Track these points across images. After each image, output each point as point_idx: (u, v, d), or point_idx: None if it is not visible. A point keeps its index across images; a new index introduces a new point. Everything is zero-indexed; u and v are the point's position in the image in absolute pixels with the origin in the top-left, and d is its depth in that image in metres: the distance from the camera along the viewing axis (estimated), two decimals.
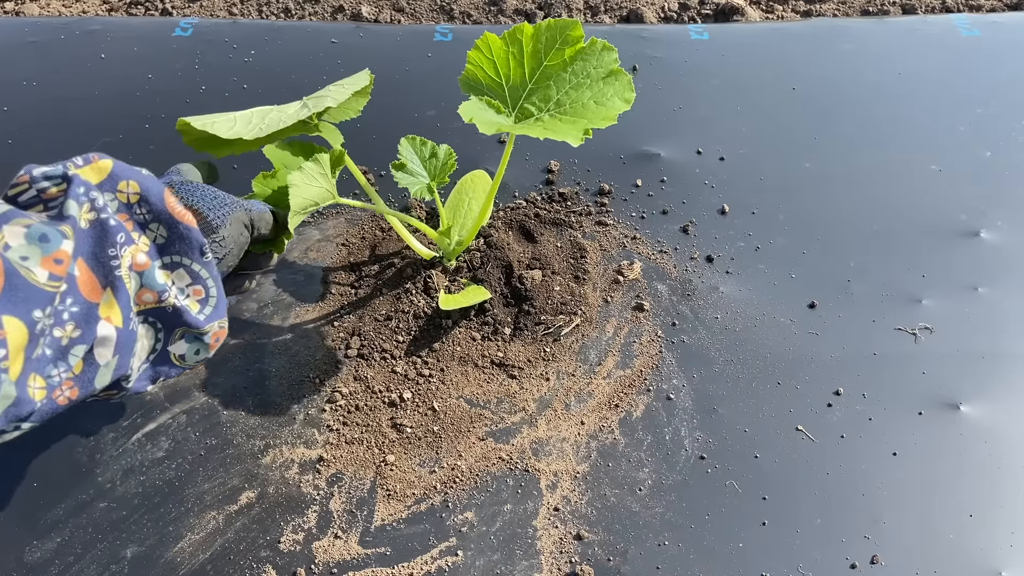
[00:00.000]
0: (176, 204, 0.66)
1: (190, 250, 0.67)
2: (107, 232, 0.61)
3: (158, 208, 0.65)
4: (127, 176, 0.65)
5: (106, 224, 0.61)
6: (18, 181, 0.61)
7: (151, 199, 0.65)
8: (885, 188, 1.04)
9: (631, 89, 0.76)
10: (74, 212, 0.59)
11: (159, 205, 0.65)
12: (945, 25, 1.29)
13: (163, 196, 0.66)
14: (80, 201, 0.60)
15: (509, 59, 0.79)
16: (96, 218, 0.61)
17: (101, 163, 0.64)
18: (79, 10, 1.40)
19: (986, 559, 0.74)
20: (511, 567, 0.73)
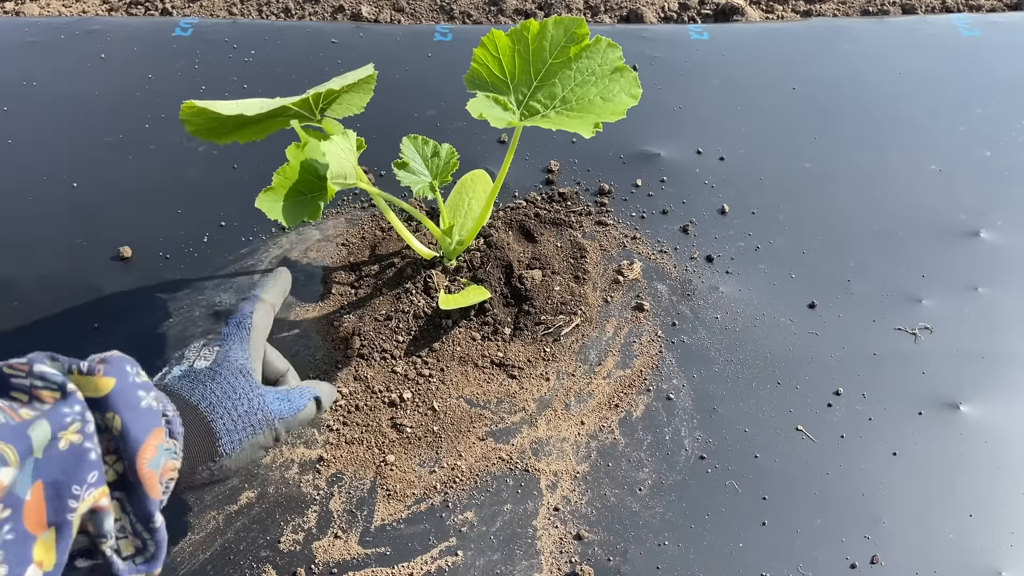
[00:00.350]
0: (146, 465, 0.53)
1: (139, 513, 0.55)
2: (83, 465, 0.50)
3: (129, 457, 0.53)
4: (116, 409, 0.53)
5: (86, 456, 0.50)
6: (17, 366, 0.52)
7: (127, 446, 0.53)
8: (885, 188, 1.04)
9: (637, 85, 0.77)
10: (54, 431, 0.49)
11: (131, 455, 0.53)
12: (945, 25, 1.29)
13: (137, 453, 0.53)
14: (68, 420, 0.50)
15: (515, 56, 0.79)
16: (80, 444, 0.50)
17: (103, 381, 0.53)
18: (79, 10, 1.40)
19: (986, 559, 0.74)
20: (511, 567, 0.73)
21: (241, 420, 0.63)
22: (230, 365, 0.66)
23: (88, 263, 0.95)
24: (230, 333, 0.70)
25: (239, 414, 0.63)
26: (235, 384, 0.65)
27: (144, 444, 0.53)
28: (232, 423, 0.63)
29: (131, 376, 0.55)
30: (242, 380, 0.65)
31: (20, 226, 0.98)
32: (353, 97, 0.80)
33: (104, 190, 1.02)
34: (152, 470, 0.53)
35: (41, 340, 0.87)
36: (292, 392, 0.69)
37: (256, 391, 0.65)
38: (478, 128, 1.09)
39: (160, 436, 0.55)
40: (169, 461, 0.56)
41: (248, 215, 0.99)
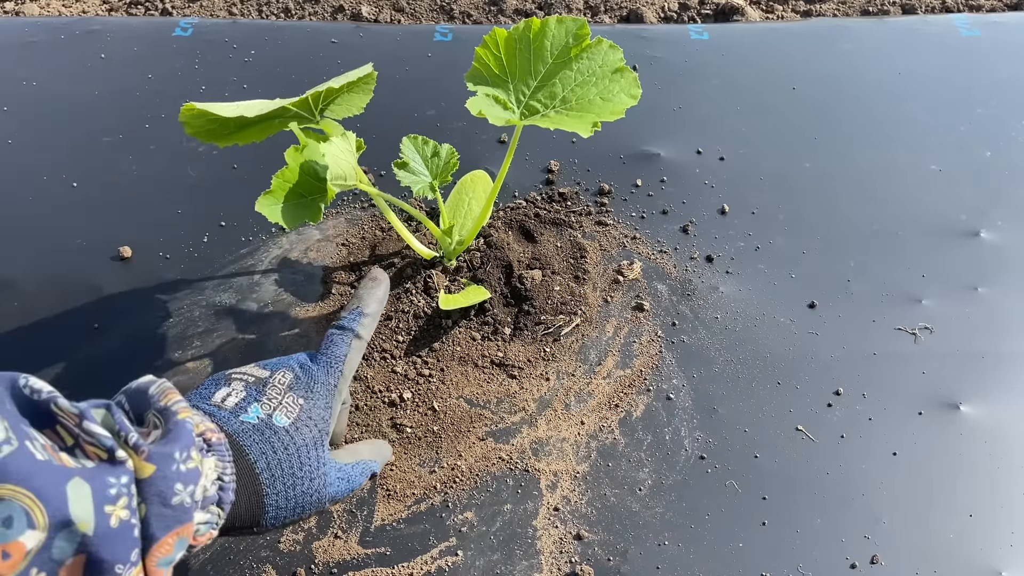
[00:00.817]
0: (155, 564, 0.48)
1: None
2: (128, 544, 0.46)
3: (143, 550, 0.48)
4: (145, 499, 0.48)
5: (131, 532, 0.46)
6: (67, 412, 0.47)
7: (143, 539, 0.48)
8: (885, 188, 1.04)
9: (637, 85, 0.77)
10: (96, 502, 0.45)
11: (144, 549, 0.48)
12: (945, 25, 1.29)
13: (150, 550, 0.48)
14: (114, 493, 0.46)
15: (516, 55, 0.79)
16: (128, 521, 0.46)
17: (143, 466, 0.48)
18: (79, 10, 1.40)
19: (986, 559, 0.74)
20: (511, 567, 0.73)
21: (296, 500, 0.59)
22: (308, 431, 0.60)
23: (88, 263, 0.95)
24: (319, 379, 0.63)
25: (296, 494, 0.59)
26: (305, 458, 0.59)
27: (160, 542, 0.49)
28: (286, 501, 0.58)
29: (175, 464, 0.49)
30: (314, 454, 0.60)
31: (20, 226, 0.99)
32: (353, 98, 0.80)
33: (104, 190, 1.02)
34: (161, 569, 0.49)
35: (41, 340, 0.88)
36: (354, 470, 0.65)
37: (320, 471, 0.60)
38: (478, 128, 1.09)
39: (186, 531, 0.50)
40: (208, 531, 0.52)
41: (248, 215, 0.99)
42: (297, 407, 0.61)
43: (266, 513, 0.57)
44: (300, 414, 0.60)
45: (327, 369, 0.64)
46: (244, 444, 0.56)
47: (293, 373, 0.63)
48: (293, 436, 0.59)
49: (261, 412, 0.59)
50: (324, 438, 0.62)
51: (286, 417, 0.59)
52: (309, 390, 0.62)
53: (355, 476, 0.65)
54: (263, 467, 0.57)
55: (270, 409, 0.59)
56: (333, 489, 0.62)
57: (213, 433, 0.54)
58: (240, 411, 0.58)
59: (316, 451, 0.60)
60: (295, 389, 0.62)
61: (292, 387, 0.62)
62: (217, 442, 0.54)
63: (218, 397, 0.59)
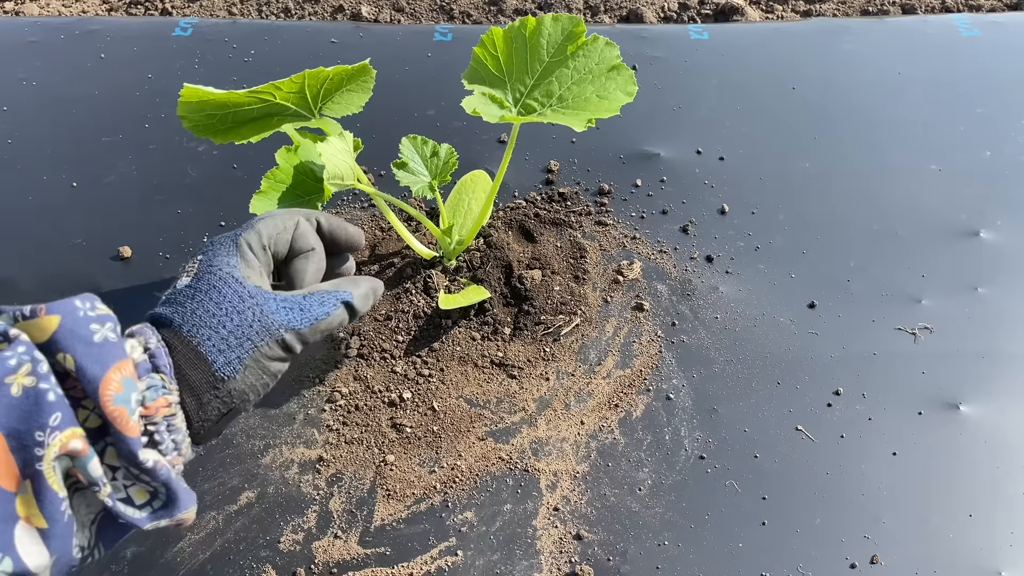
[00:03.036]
0: (110, 403, 0.48)
1: (125, 454, 0.49)
2: (41, 407, 0.45)
3: (91, 396, 0.48)
4: (65, 347, 0.48)
5: (43, 397, 0.45)
6: None
7: (86, 384, 0.48)
8: (885, 188, 1.04)
9: (633, 83, 0.77)
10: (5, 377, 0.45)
11: (93, 394, 0.48)
12: (945, 25, 1.29)
13: (97, 389, 0.48)
14: (13, 363, 0.45)
15: (512, 54, 0.79)
16: (34, 385, 0.45)
17: (46, 320, 0.48)
18: (79, 10, 1.40)
19: (986, 559, 0.74)
20: (511, 567, 0.73)
21: (233, 335, 0.56)
22: (212, 276, 0.58)
23: (88, 263, 0.95)
24: (214, 239, 0.62)
25: (229, 329, 0.56)
26: (220, 297, 0.57)
27: (104, 378, 0.47)
28: (223, 341, 0.55)
29: (81, 310, 0.49)
30: (229, 291, 0.57)
31: (20, 226, 0.98)
32: (351, 96, 0.80)
33: (104, 190, 1.02)
34: (119, 406, 0.48)
35: None
36: (309, 299, 0.61)
37: (249, 299, 0.57)
38: (477, 128, 1.09)
39: (125, 368, 0.49)
40: (160, 397, 0.51)
41: (248, 215, 0.98)
42: (196, 265, 0.59)
43: (212, 362, 0.55)
44: (200, 267, 0.59)
45: (231, 232, 0.63)
46: (157, 316, 0.56)
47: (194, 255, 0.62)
48: (197, 287, 0.57)
49: (168, 292, 0.59)
50: (237, 275, 0.59)
51: (187, 278, 0.59)
52: (207, 248, 0.61)
53: (312, 305, 0.61)
54: (180, 320, 0.55)
55: (172, 287, 0.59)
56: (281, 316, 0.58)
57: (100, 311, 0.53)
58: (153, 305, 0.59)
59: (230, 287, 0.58)
60: (193, 258, 0.61)
61: (191, 259, 0.61)
62: (137, 329, 0.54)
63: None
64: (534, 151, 1.07)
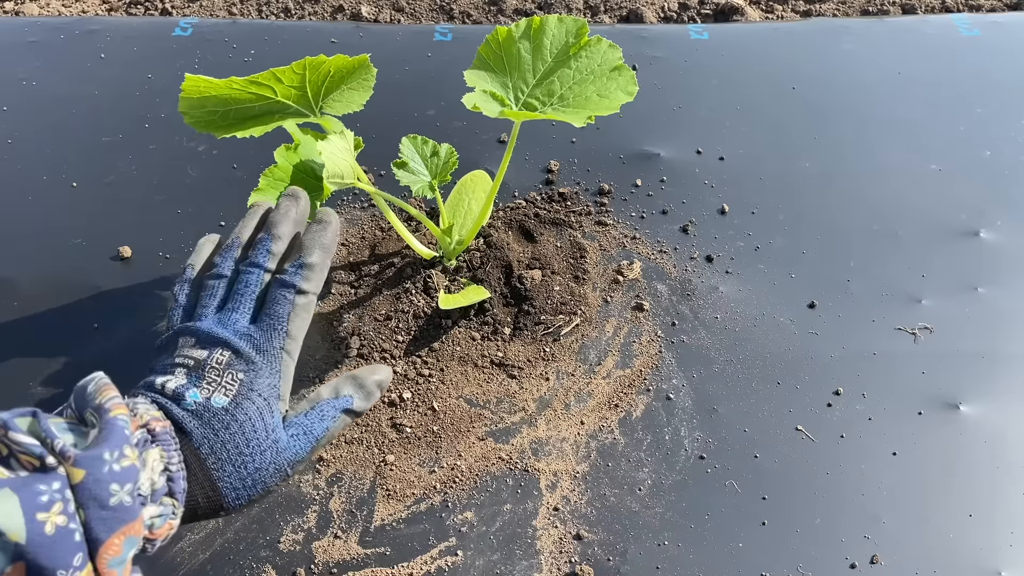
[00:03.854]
0: (106, 566, 0.48)
1: None
2: (69, 548, 0.46)
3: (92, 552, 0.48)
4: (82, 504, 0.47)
5: (71, 538, 0.46)
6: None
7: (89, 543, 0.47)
8: (885, 188, 1.04)
9: (634, 83, 0.77)
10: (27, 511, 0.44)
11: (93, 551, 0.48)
12: (945, 25, 1.29)
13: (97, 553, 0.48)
14: (45, 500, 0.45)
15: (516, 54, 0.79)
16: (65, 525, 0.45)
17: (72, 471, 0.47)
18: (79, 10, 1.40)
19: (986, 559, 0.74)
20: (511, 567, 0.73)
21: (251, 477, 0.58)
22: (251, 404, 0.59)
23: (88, 263, 0.95)
24: (259, 348, 0.61)
25: (249, 471, 0.58)
26: (251, 433, 0.58)
27: (106, 544, 0.48)
28: (241, 481, 0.57)
29: (107, 465, 0.48)
30: (260, 426, 0.58)
31: (20, 226, 0.99)
32: (352, 94, 0.80)
33: (104, 190, 1.02)
34: (113, 569, 0.49)
35: (40, 340, 0.87)
36: (311, 416, 0.62)
37: (269, 440, 0.59)
38: (478, 128, 1.09)
39: (132, 529, 0.49)
40: (166, 523, 0.53)
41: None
42: (236, 384, 0.59)
43: (225, 496, 0.57)
44: (240, 390, 0.59)
45: (269, 334, 0.61)
46: (188, 431, 0.56)
47: (230, 350, 0.60)
48: (234, 414, 0.57)
49: (199, 397, 0.58)
50: (272, 405, 0.60)
51: (225, 397, 0.58)
52: (250, 362, 0.60)
53: (313, 425, 0.62)
54: (207, 452, 0.56)
55: (208, 393, 0.58)
56: (290, 453, 0.60)
57: (157, 422, 0.53)
58: (179, 398, 0.57)
59: (262, 422, 0.59)
60: (234, 366, 0.60)
61: (231, 364, 0.60)
62: (161, 431, 0.53)
63: (159, 381, 0.58)
64: (534, 151, 1.07)
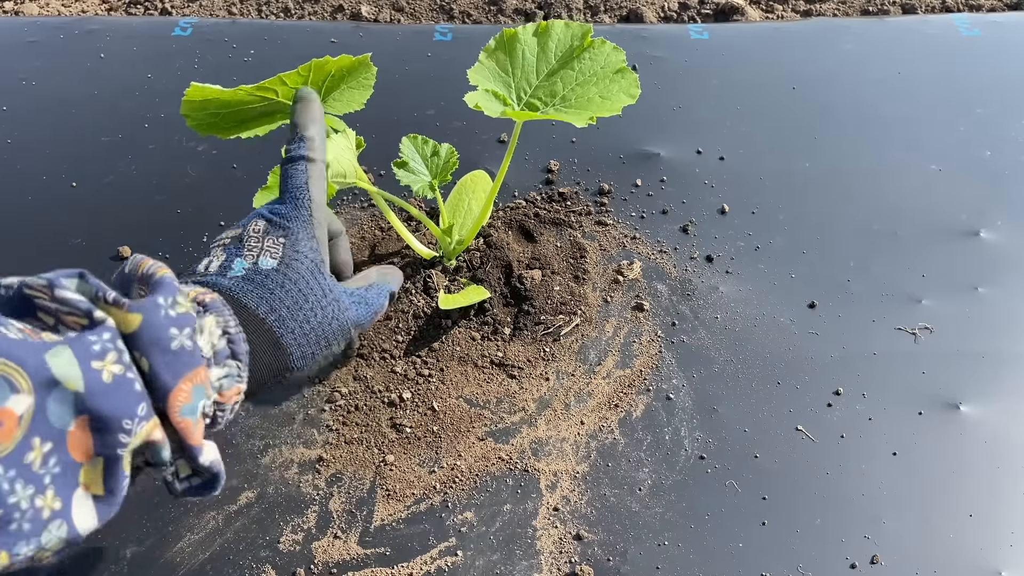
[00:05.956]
0: (178, 414, 0.48)
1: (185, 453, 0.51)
2: (131, 397, 0.46)
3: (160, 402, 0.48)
4: (143, 351, 0.47)
5: (131, 387, 0.46)
6: (38, 287, 0.46)
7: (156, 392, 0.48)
8: (885, 188, 1.04)
9: (636, 86, 0.78)
10: (82, 361, 0.43)
11: (161, 403, 0.48)
12: (945, 25, 1.29)
13: (167, 400, 0.48)
14: (98, 348, 0.44)
15: (520, 56, 0.80)
16: (123, 374, 0.45)
17: (129, 317, 0.47)
18: (79, 10, 1.40)
19: (986, 559, 0.74)
20: (511, 567, 0.73)
21: (315, 332, 0.58)
22: (300, 264, 0.59)
23: (88, 263, 0.94)
24: (290, 215, 0.61)
25: (312, 326, 0.58)
26: (307, 289, 0.58)
27: (175, 390, 0.48)
28: (304, 337, 0.57)
29: (163, 310, 0.48)
30: (315, 284, 0.59)
31: (20, 226, 0.98)
32: (353, 93, 0.80)
33: (104, 190, 1.02)
34: (186, 418, 0.49)
35: None
36: (369, 292, 0.64)
37: (330, 296, 0.59)
38: (478, 128, 1.09)
39: (198, 376, 0.49)
40: (233, 386, 0.52)
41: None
42: (279, 246, 0.59)
43: (291, 355, 0.57)
44: (285, 251, 0.59)
45: (294, 203, 0.62)
46: (241, 297, 0.55)
47: (264, 219, 0.61)
48: (286, 272, 0.58)
49: (246, 264, 0.58)
50: (321, 266, 0.60)
51: (272, 259, 0.58)
52: (284, 228, 0.60)
53: (372, 298, 0.64)
54: (266, 311, 0.56)
55: (253, 258, 0.58)
56: (353, 313, 0.61)
57: (205, 294, 0.53)
58: (225, 270, 0.57)
59: (316, 279, 0.59)
60: (271, 232, 0.60)
61: (267, 231, 0.60)
62: (211, 301, 0.53)
63: (201, 267, 0.59)
64: (534, 151, 1.07)
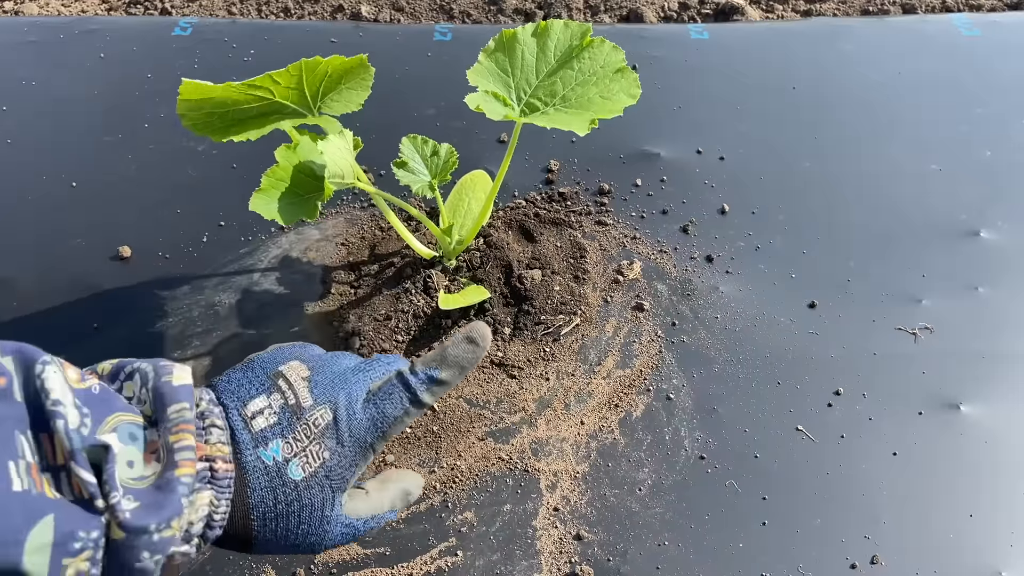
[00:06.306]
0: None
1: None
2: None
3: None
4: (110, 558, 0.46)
5: None
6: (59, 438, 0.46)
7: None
8: (885, 188, 1.04)
9: (637, 86, 0.77)
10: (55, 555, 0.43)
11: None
12: (945, 25, 1.29)
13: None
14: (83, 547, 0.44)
15: (520, 55, 0.80)
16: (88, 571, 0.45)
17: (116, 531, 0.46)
18: (78, 10, 1.40)
19: (986, 559, 0.74)
20: (511, 567, 0.73)
21: (286, 544, 0.55)
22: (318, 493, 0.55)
23: (88, 263, 0.95)
24: (354, 435, 0.56)
25: (288, 543, 0.55)
26: (305, 519, 0.55)
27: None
28: (275, 546, 0.55)
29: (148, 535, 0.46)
30: (316, 516, 0.55)
31: (20, 226, 0.98)
32: (351, 94, 0.80)
33: (104, 190, 1.02)
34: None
35: (40, 340, 0.87)
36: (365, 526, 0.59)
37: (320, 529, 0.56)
38: (478, 128, 1.09)
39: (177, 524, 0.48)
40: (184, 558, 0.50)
41: (247, 215, 0.98)
42: (319, 460, 0.55)
43: (253, 548, 0.54)
44: (318, 470, 0.54)
45: (370, 426, 0.56)
46: (250, 482, 0.53)
47: (333, 415, 0.55)
48: (301, 493, 0.54)
49: (280, 454, 0.54)
50: (338, 495, 0.56)
51: (302, 470, 0.54)
52: (340, 443, 0.55)
53: (363, 530, 0.59)
54: (258, 514, 0.53)
55: (290, 453, 0.54)
56: (331, 543, 0.57)
57: (224, 464, 0.51)
58: (261, 442, 0.54)
59: (322, 511, 0.55)
60: (326, 437, 0.55)
61: (324, 434, 0.55)
62: (223, 475, 0.51)
63: (251, 409, 0.54)
64: (534, 151, 1.07)
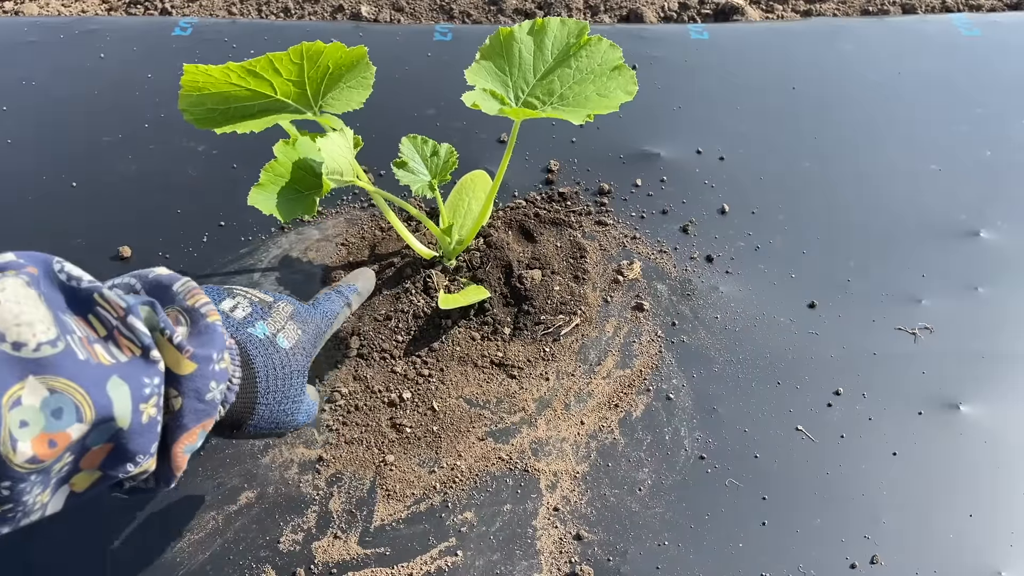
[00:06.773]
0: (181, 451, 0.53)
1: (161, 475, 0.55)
2: (151, 437, 0.50)
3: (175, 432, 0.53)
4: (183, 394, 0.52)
5: (155, 428, 0.50)
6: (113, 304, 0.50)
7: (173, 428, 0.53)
8: (885, 188, 1.04)
9: (634, 83, 0.78)
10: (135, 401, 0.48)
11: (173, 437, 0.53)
12: (945, 25, 1.29)
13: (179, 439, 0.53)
14: (147, 392, 0.49)
15: (517, 54, 0.80)
16: (155, 417, 0.50)
17: (184, 363, 0.51)
18: (79, 10, 1.40)
19: (986, 559, 0.74)
20: (511, 567, 0.73)
21: (277, 416, 0.63)
22: (300, 360, 0.65)
23: (88, 263, 0.93)
24: (313, 320, 0.68)
25: (279, 411, 0.63)
26: (294, 383, 0.64)
27: (189, 432, 0.53)
28: (270, 414, 0.62)
29: (213, 364, 0.53)
30: (299, 382, 0.65)
31: (20, 226, 0.98)
32: (352, 92, 0.80)
33: (104, 190, 1.02)
34: (185, 454, 0.54)
35: None
36: (313, 408, 0.70)
37: (300, 397, 0.65)
38: (477, 128, 1.09)
39: (208, 423, 0.55)
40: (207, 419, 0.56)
41: (247, 215, 0.99)
42: (296, 335, 0.65)
43: (252, 420, 0.61)
44: (298, 342, 0.65)
45: (321, 316, 0.70)
46: (251, 354, 0.60)
47: (293, 306, 0.67)
48: (290, 359, 0.64)
49: (268, 330, 0.63)
50: (306, 371, 0.66)
51: (287, 341, 0.64)
52: (305, 325, 0.67)
53: (312, 411, 0.70)
54: (262, 378, 0.61)
55: (275, 330, 0.64)
56: (301, 418, 0.67)
57: (234, 348, 0.58)
58: (248, 324, 0.62)
59: (302, 379, 0.66)
60: (295, 319, 0.66)
61: (293, 317, 0.66)
62: (230, 347, 0.58)
63: (226, 306, 0.63)
64: (534, 151, 1.07)
